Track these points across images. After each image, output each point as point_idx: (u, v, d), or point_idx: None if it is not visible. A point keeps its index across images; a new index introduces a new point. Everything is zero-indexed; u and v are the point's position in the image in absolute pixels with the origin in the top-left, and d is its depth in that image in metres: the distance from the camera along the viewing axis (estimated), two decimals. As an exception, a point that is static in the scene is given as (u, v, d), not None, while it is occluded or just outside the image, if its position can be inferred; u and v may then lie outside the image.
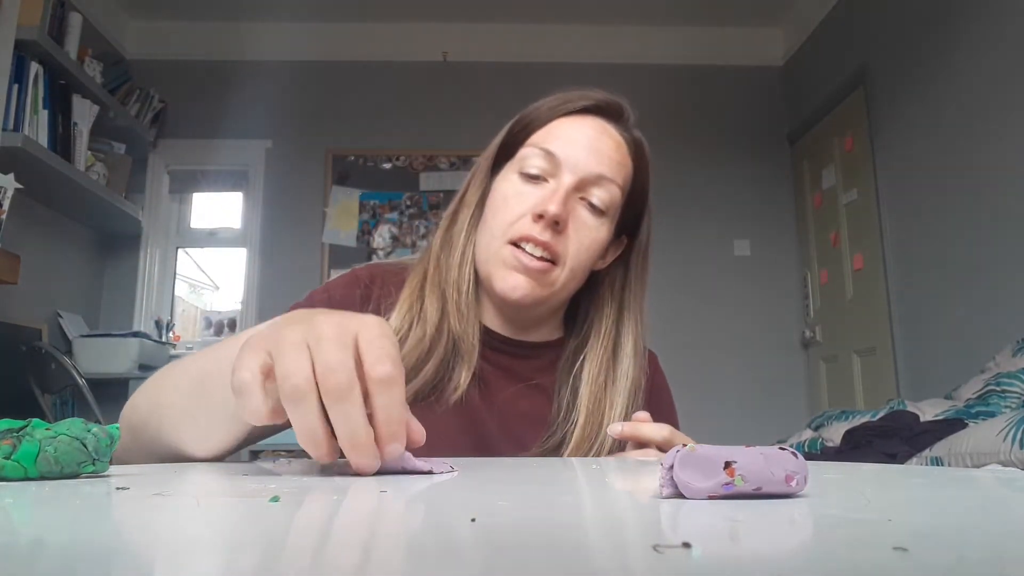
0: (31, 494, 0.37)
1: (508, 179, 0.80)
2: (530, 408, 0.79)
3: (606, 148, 0.79)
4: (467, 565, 0.21)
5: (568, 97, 0.82)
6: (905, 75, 3.07)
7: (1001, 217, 2.48)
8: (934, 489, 0.43)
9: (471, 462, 0.65)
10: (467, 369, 0.77)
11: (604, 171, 0.78)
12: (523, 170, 0.79)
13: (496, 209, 0.79)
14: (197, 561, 0.22)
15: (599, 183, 0.78)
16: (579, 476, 0.52)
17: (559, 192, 0.75)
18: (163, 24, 3.98)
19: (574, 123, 0.80)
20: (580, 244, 0.77)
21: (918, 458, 1.87)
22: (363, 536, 0.27)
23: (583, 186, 0.78)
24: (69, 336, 3.24)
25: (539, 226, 0.75)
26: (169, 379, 0.63)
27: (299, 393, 0.43)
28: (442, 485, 0.44)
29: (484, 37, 4.00)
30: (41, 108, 2.80)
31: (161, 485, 0.43)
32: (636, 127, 0.86)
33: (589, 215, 0.78)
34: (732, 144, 4.06)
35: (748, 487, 0.34)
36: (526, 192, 0.78)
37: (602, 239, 0.80)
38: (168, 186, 4.02)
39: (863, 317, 3.35)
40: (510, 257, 0.76)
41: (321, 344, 0.44)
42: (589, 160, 0.78)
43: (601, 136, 0.80)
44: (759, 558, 0.23)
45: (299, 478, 0.46)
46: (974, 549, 0.23)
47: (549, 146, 0.78)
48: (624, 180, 0.82)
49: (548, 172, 0.78)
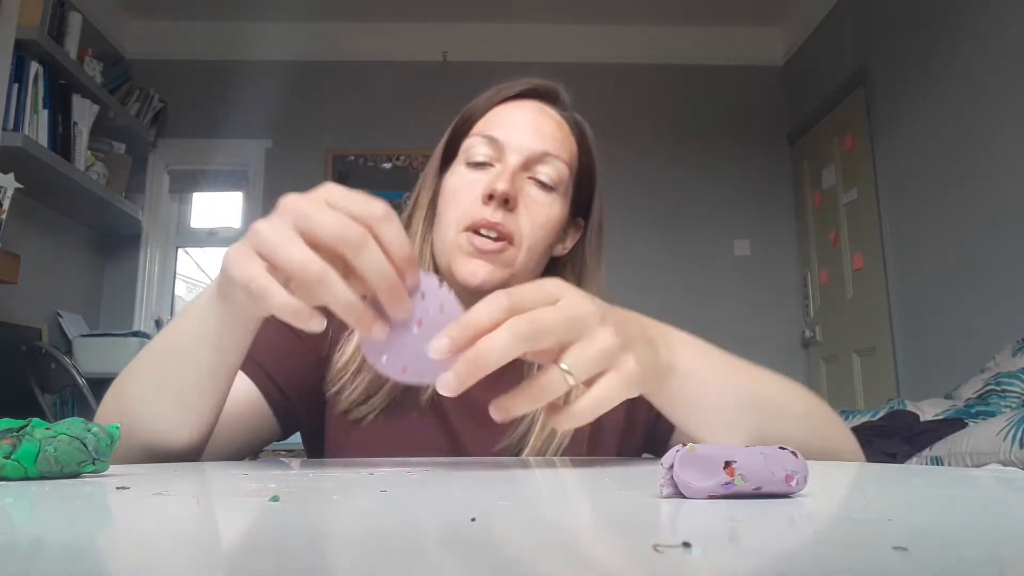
0: (31, 494, 0.37)
1: (456, 172, 0.81)
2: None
3: (547, 127, 0.80)
4: (467, 565, 0.21)
5: (504, 86, 0.84)
6: (905, 75, 3.07)
7: (1001, 216, 2.48)
8: (934, 489, 0.43)
9: (472, 461, 0.65)
10: None
11: (548, 148, 0.79)
12: (469, 160, 0.80)
13: (447, 202, 0.79)
14: (197, 561, 0.22)
15: (545, 160, 0.79)
16: (579, 476, 0.52)
17: (506, 171, 0.76)
18: (163, 24, 3.97)
19: (513, 108, 0.82)
20: (533, 221, 0.77)
21: (918, 458, 1.87)
22: (363, 536, 0.27)
23: (529, 165, 0.78)
24: (69, 336, 3.24)
25: (490, 208, 0.75)
26: (132, 373, 0.62)
27: (325, 274, 0.45)
28: (442, 485, 0.44)
29: (484, 37, 4.00)
30: (41, 108, 2.80)
31: (161, 485, 0.43)
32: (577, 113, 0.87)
33: (539, 192, 0.78)
34: (732, 144, 4.06)
35: (748, 487, 0.34)
36: (474, 179, 0.78)
37: (556, 215, 0.80)
38: (168, 186, 4.02)
39: (863, 317, 3.35)
40: (466, 244, 0.76)
41: (309, 219, 0.47)
42: (532, 139, 0.79)
43: (541, 117, 0.81)
44: (759, 558, 0.23)
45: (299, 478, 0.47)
46: (974, 549, 0.23)
47: (491, 132, 0.79)
48: (570, 157, 0.82)
49: (494, 157, 0.79)
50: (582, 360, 0.49)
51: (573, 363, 0.48)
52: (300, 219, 0.47)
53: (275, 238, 0.48)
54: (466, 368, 0.46)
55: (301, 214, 0.47)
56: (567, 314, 0.49)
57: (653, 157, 4.01)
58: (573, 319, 0.49)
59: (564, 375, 0.48)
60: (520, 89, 0.84)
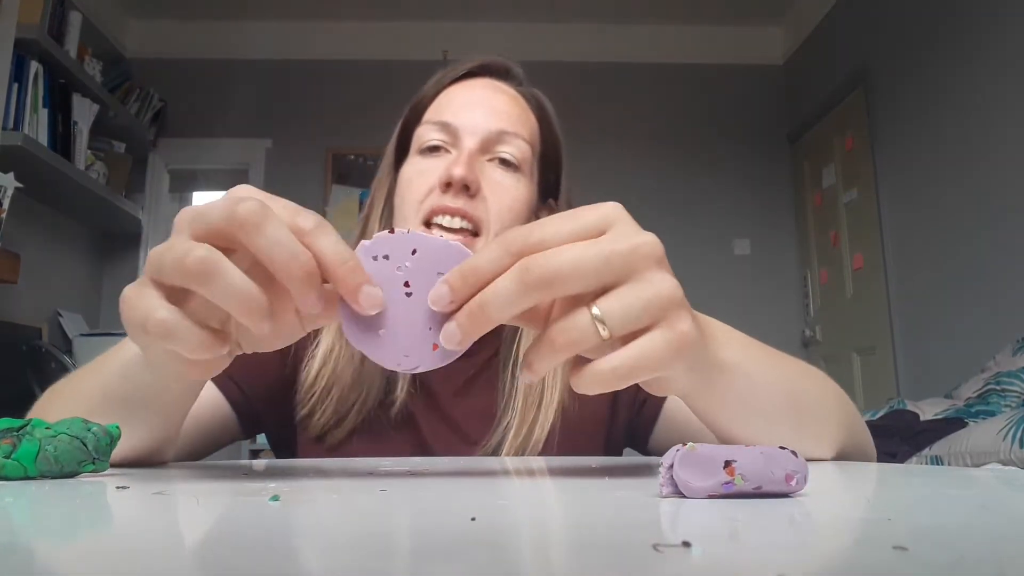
0: (31, 493, 0.37)
1: (410, 162, 0.75)
2: (480, 404, 0.74)
3: (501, 104, 0.75)
4: (467, 564, 0.21)
5: (451, 67, 0.79)
6: (905, 74, 3.07)
7: (1001, 216, 2.48)
8: (934, 488, 0.43)
9: (471, 462, 0.65)
10: (402, 379, 0.73)
11: (504, 126, 0.73)
12: (422, 148, 0.74)
13: (403, 193, 0.74)
14: (198, 561, 0.22)
15: (503, 139, 0.73)
16: (579, 475, 0.52)
17: (462, 155, 0.70)
18: (163, 23, 3.97)
19: (462, 88, 0.77)
20: (500, 205, 0.71)
21: (918, 457, 1.87)
22: (363, 535, 0.27)
23: (487, 146, 0.73)
24: (69, 335, 3.24)
25: (449, 194, 0.69)
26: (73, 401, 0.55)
27: (207, 261, 0.35)
28: (442, 484, 0.44)
29: (484, 36, 4.00)
30: (41, 107, 2.80)
31: (161, 484, 0.43)
32: (533, 86, 0.81)
33: (502, 173, 0.72)
34: (732, 143, 4.06)
35: (748, 486, 0.34)
36: (429, 167, 0.73)
37: (523, 197, 0.73)
38: (168, 185, 4.02)
39: (863, 316, 3.35)
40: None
41: (202, 217, 0.37)
42: (487, 119, 0.73)
43: (493, 94, 0.76)
44: (759, 557, 0.23)
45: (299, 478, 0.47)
46: (974, 548, 0.23)
47: (442, 117, 0.74)
48: (530, 133, 0.76)
49: (448, 143, 0.73)
50: (622, 307, 0.37)
51: (609, 309, 0.37)
52: (193, 223, 0.38)
53: (161, 250, 0.38)
54: (468, 320, 0.38)
55: (192, 218, 0.38)
56: (605, 252, 0.37)
57: (653, 156, 4.02)
58: (615, 258, 0.37)
59: (596, 323, 0.37)
60: (468, 68, 0.78)
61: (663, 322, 0.38)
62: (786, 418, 0.53)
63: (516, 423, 0.70)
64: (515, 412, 0.71)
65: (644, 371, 0.39)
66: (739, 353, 0.50)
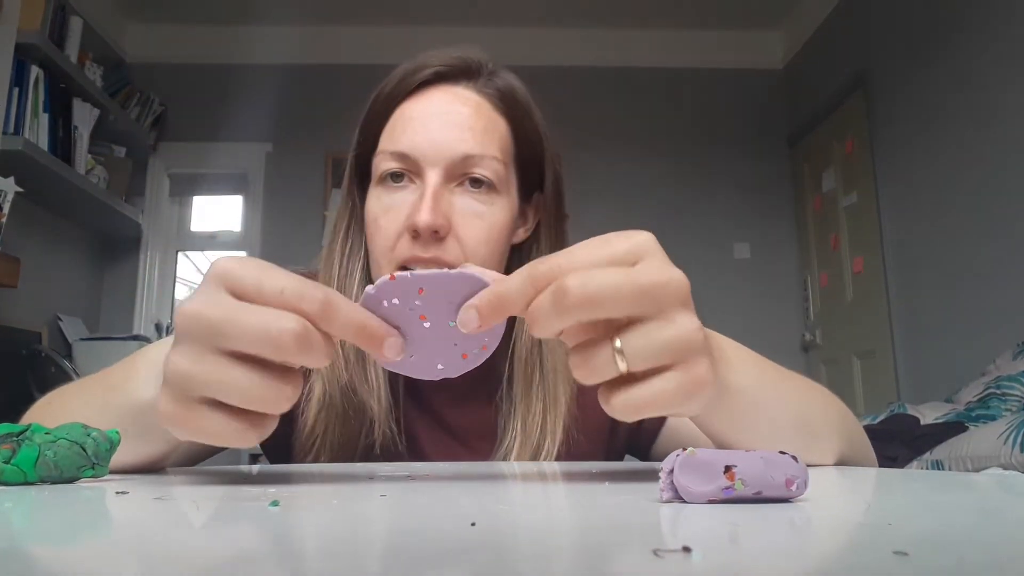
0: (30, 498, 0.37)
1: (373, 195, 0.69)
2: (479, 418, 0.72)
3: (464, 119, 0.67)
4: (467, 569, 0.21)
5: (402, 78, 0.69)
6: (905, 78, 3.07)
7: (1001, 220, 2.48)
8: (934, 493, 0.43)
9: (471, 467, 0.65)
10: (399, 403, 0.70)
11: (469, 148, 0.66)
12: (382, 179, 0.68)
13: (372, 236, 0.68)
14: (197, 566, 0.22)
15: (469, 163, 0.66)
16: (579, 480, 0.52)
17: (426, 197, 0.64)
18: (163, 28, 3.98)
19: (417, 106, 0.68)
20: (475, 239, 0.66)
21: (919, 461, 1.87)
22: (363, 540, 0.27)
23: (452, 175, 0.66)
24: (69, 339, 3.24)
25: (420, 243, 0.64)
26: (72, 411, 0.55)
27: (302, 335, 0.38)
28: (441, 490, 0.44)
29: (484, 41, 3.96)
30: (41, 112, 2.80)
31: (161, 489, 0.43)
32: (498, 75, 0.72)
33: (473, 201, 0.67)
34: (732, 147, 4.06)
35: (748, 491, 0.34)
36: (394, 204, 0.67)
37: (500, 221, 0.68)
38: (168, 189, 4.02)
39: (863, 320, 3.35)
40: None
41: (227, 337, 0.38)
42: (448, 142, 0.66)
43: (452, 107, 0.68)
44: (759, 563, 0.23)
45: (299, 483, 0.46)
46: (974, 553, 0.23)
47: (398, 146, 0.67)
48: (500, 145, 0.69)
49: (410, 171, 0.67)
50: (644, 345, 0.38)
51: (631, 346, 0.38)
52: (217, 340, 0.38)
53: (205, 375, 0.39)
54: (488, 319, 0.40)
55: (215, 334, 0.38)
56: (639, 283, 0.37)
57: (653, 160, 4.02)
58: (648, 289, 0.37)
59: (616, 356, 0.38)
60: (423, 78, 0.69)
61: (681, 365, 0.39)
62: (792, 437, 0.54)
63: (518, 444, 0.69)
64: (516, 431, 0.69)
65: (656, 410, 0.39)
66: (749, 376, 0.51)
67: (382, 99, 0.70)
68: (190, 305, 0.39)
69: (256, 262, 0.41)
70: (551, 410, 0.70)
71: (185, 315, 0.39)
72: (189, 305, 0.40)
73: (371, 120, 0.71)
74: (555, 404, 0.70)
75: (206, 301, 0.39)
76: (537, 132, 0.74)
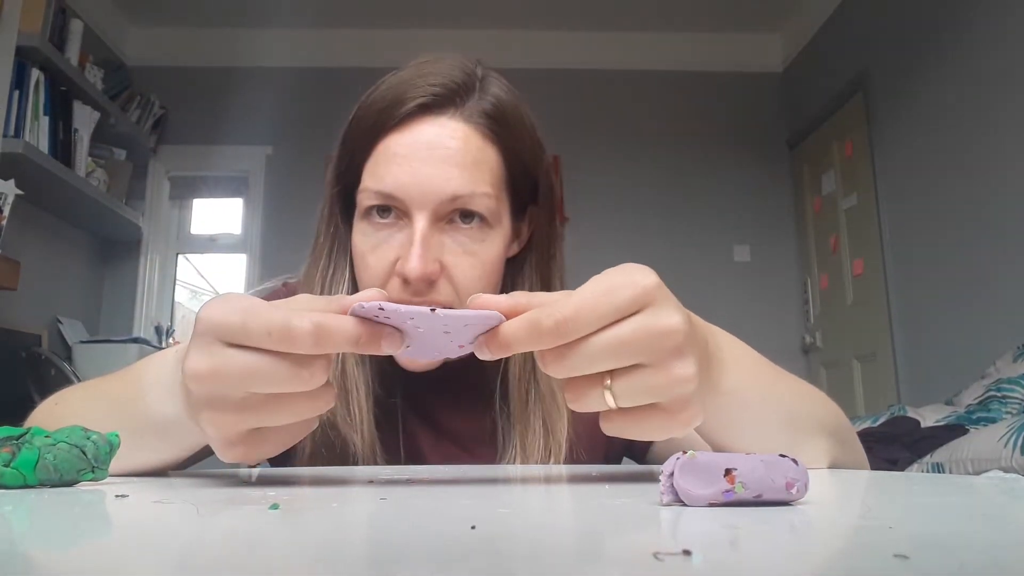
0: (30, 502, 0.37)
1: (359, 229, 0.67)
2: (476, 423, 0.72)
3: (451, 155, 0.64)
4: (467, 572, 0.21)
5: (383, 108, 0.66)
6: (904, 80, 3.07)
7: (1001, 222, 2.48)
8: (935, 496, 0.42)
9: (470, 470, 0.65)
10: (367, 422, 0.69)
11: (457, 188, 0.63)
12: (367, 216, 0.66)
13: (359, 270, 0.67)
14: (197, 570, 0.22)
15: (459, 202, 0.63)
16: (579, 483, 0.52)
17: (416, 244, 0.62)
18: (164, 30, 3.99)
19: (401, 140, 0.65)
20: (468, 278, 0.64)
21: (919, 464, 1.86)
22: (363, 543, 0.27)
23: (441, 215, 0.64)
24: (69, 342, 3.24)
25: (411, 288, 0.63)
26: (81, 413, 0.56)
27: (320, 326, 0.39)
28: (441, 493, 0.44)
29: (483, 44, 4.01)
30: (42, 114, 2.81)
31: (160, 493, 0.43)
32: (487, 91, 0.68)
33: (466, 240, 0.65)
34: (732, 149, 4.06)
35: (748, 494, 0.34)
36: (381, 243, 0.65)
37: (493, 254, 0.67)
38: (168, 192, 4.02)
39: (863, 322, 3.35)
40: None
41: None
42: (435, 183, 0.63)
43: (439, 143, 0.64)
44: (759, 566, 0.23)
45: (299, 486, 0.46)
46: (975, 557, 0.23)
47: (384, 186, 0.64)
48: (491, 178, 0.66)
49: (398, 208, 0.65)
50: (634, 389, 0.41)
51: (623, 389, 0.41)
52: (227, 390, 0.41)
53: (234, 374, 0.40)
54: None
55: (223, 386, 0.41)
56: (636, 341, 0.40)
57: (653, 163, 4.02)
58: (642, 346, 0.40)
59: (607, 395, 0.41)
60: (406, 112, 0.65)
61: (669, 407, 0.42)
62: (780, 437, 0.55)
63: (519, 444, 0.68)
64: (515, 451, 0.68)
65: (640, 436, 0.43)
66: (742, 379, 0.52)
67: (364, 129, 0.67)
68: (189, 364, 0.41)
69: (239, 303, 0.41)
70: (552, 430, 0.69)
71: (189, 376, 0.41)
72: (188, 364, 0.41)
73: (353, 150, 0.68)
74: (554, 424, 0.69)
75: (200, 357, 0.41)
76: (529, 147, 0.70)
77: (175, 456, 0.55)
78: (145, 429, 0.52)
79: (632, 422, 0.42)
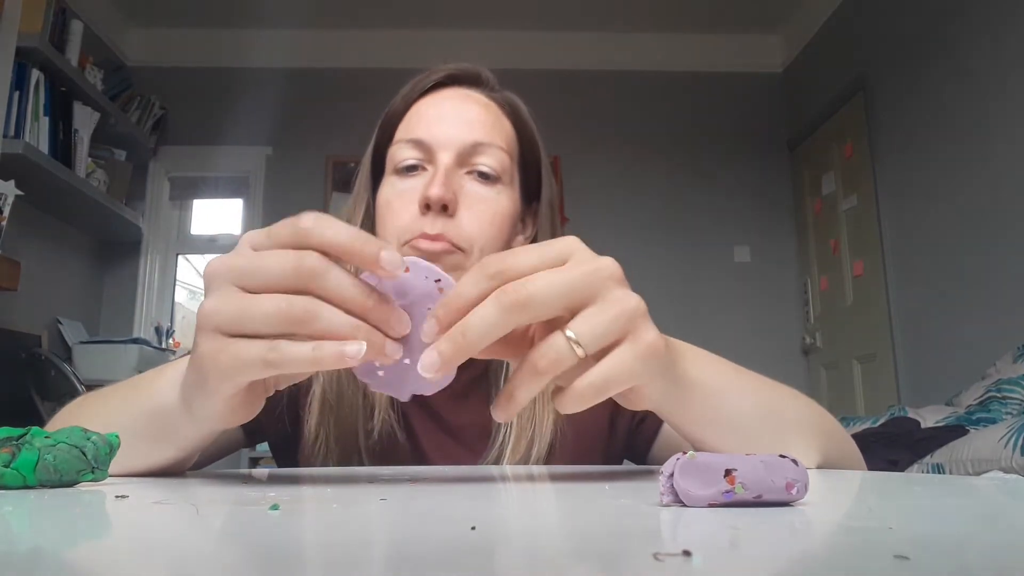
0: (30, 502, 0.37)
1: (387, 183, 0.74)
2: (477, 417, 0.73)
3: (473, 114, 0.73)
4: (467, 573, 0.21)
5: (418, 80, 0.77)
6: (904, 81, 3.07)
7: (1001, 223, 2.49)
8: (935, 497, 0.42)
9: (471, 470, 0.65)
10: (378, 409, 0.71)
11: (479, 137, 0.71)
12: (397, 168, 0.73)
13: (383, 217, 0.72)
14: (197, 570, 0.22)
15: (479, 151, 0.71)
16: (579, 483, 0.52)
17: (439, 173, 0.69)
18: (164, 31, 3.99)
19: (432, 101, 0.75)
20: (480, 220, 0.70)
21: (919, 465, 1.86)
22: (363, 544, 0.27)
23: (463, 160, 0.71)
24: (69, 343, 3.24)
25: (428, 218, 0.68)
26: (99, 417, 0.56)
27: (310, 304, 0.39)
28: (442, 493, 0.44)
29: (483, 44, 4.01)
30: (42, 115, 2.81)
31: (160, 493, 0.43)
32: (504, 92, 0.79)
33: (480, 187, 0.71)
34: (732, 150, 4.07)
35: (748, 495, 0.34)
36: (407, 188, 0.71)
37: (504, 208, 0.72)
38: (168, 192, 4.02)
39: (863, 323, 3.35)
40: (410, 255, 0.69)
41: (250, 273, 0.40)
42: (460, 131, 0.71)
43: (464, 104, 0.74)
44: (759, 566, 0.23)
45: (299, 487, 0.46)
46: (975, 558, 0.23)
47: (414, 134, 0.72)
48: (506, 141, 0.74)
49: (423, 160, 0.72)
50: (591, 327, 0.41)
51: (580, 329, 0.41)
52: (241, 278, 0.41)
53: (231, 308, 0.40)
54: (449, 346, 0.40)
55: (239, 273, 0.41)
56: (571, 276, 0.41)
57: (653, 164, 4.02)
58: (579, 281, 0.41)
59: (571, 344, 0.41)
60: (437, 79, 0.76)
61: (630, 335, 0.42)
62: (759, 430, 0.56)
63: (513, 439, 0.70)
64: (511, 428, 0.70)
65: (618, 383, 0.43)
66: (706, 371, 0.53)
67: (399, 100, 0.77)
68: (206, 304, 0.41)
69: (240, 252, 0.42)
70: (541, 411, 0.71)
71: (210, 269, 0.42)
72: (205, 304, 0.41)
73: (389, 119, 0.77)
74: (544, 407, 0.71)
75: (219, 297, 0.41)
76: (536, 146, 0.79)
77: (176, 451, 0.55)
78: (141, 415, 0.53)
79: (602, 364, 0.42)
